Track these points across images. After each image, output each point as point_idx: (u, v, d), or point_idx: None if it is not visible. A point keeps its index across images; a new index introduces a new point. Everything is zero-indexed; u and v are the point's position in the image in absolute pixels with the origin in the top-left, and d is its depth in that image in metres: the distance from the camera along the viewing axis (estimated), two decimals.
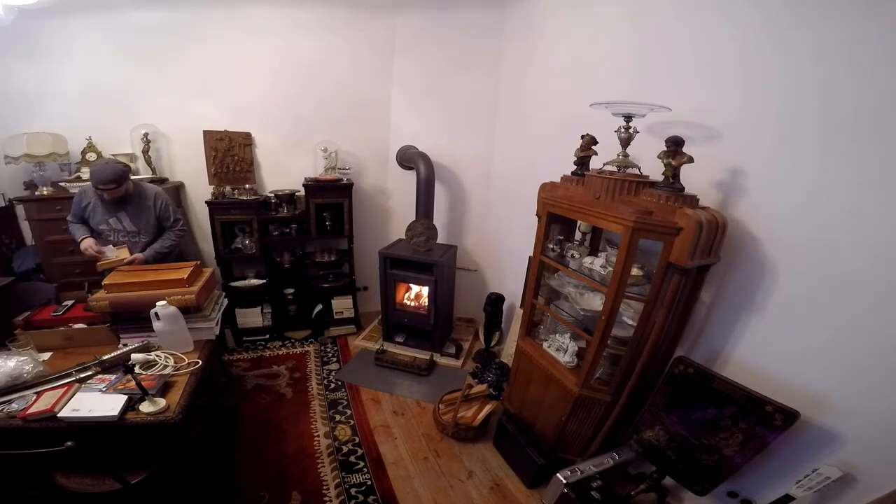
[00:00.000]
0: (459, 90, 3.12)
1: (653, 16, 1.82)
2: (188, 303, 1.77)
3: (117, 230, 2.23)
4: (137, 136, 2.81)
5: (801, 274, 1.35)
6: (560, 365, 1.96)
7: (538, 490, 1.98)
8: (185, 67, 2.81)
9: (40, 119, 2.61)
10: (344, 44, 2.99)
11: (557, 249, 1.97)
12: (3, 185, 2.73)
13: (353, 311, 3.42)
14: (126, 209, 2.21)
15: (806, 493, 1.26)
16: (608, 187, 1.61)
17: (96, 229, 2.23)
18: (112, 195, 2.09)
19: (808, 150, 1.31)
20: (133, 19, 2.63)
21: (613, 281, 1.58)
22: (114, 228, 2.23)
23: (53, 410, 1.37)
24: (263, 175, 3.17)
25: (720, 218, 1.43)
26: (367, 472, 2.08)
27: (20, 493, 1.51)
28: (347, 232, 3.16)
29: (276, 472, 2.04)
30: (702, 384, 1.53)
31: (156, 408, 1.42)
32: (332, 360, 3.05)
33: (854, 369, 1.24)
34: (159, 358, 1.67)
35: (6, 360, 1.48)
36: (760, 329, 1.49)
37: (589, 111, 1.68)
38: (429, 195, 2.96)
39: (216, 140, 2.96)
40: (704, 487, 1.56)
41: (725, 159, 1.54)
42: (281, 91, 3.00)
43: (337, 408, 2.54)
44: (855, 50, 1.18)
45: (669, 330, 1.65)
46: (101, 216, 2.20)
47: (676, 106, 1.59)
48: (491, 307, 2.95)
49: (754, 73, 1.43)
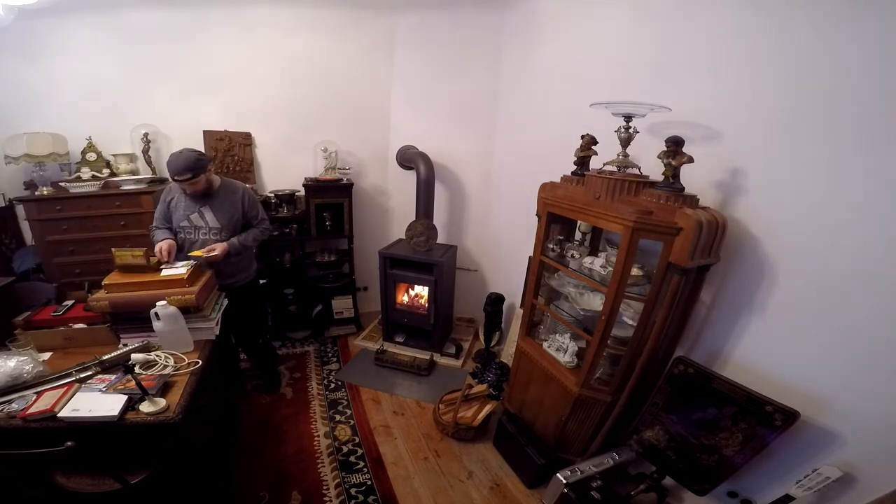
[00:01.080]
0: (459, 90, 3.12)
1: (653, 15, 1.82)
2: (188, 303, 1.77)
3: (199, 227, 2.08)
4: (137, 136, 2.80)
5: (802, 274, 1.35)
6: (560, 365, 1.96)
7: (538, 490, 1.98)
8: (185, 67, 2.81)
9: (40, 119, 2.61)
10: (344, 44, 2.99)
11: (557, 249, 1.97)
12: (3, 185, 2.73)
13: (353, 311, 3.42)
14: (210, 203, 2.08)
15: (806, 493, 1.26)
16: (608, 187, 1.61)
17: (177, 226, 2.09)
18: (193, 188, 1.98)
19: (809, 150, 1.31)
20: (133, 19, 2.63)
21: (613, 281, 1.58)
22: (195, 225, 2.08)
23: (53, 410, 1.37)
24: (263, 175, 3.17)
25: (720, 218, 1.43)
26: (367, 472, 2.08)
27: (20, 493, 1.51)
28: (347, 232, 3.16)
29: (276, 472, 2.04)
30: (702, 384, 1.53)
31: (156, 408, 1.42)
32: (332, 360, 3.05)
33: (854, 369, 1.24)
34: (159, 358, 1.67)
35: (6, 360, 1.48)
36: (760, 329, 1.49)
37: (589, 111, 1.68)
38: (429, 195, 2.96)
39: (216, 140, 2.96)
40: (704, 487, 1.56)
41: (725, 159, 1.54)
42: (281, 91, 3.00)
43: (337, 408, 2.54)
44: (856, 49, 1.18)
45: (669, 330, 1.65)
46: (183, 211, 2.07)
47: (676, 106, 1.59)
48: (491, 307, 2.95)
49: (755, 72, 1.43)
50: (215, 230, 2.10)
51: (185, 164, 1.91)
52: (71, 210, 2.53)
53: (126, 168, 2.81)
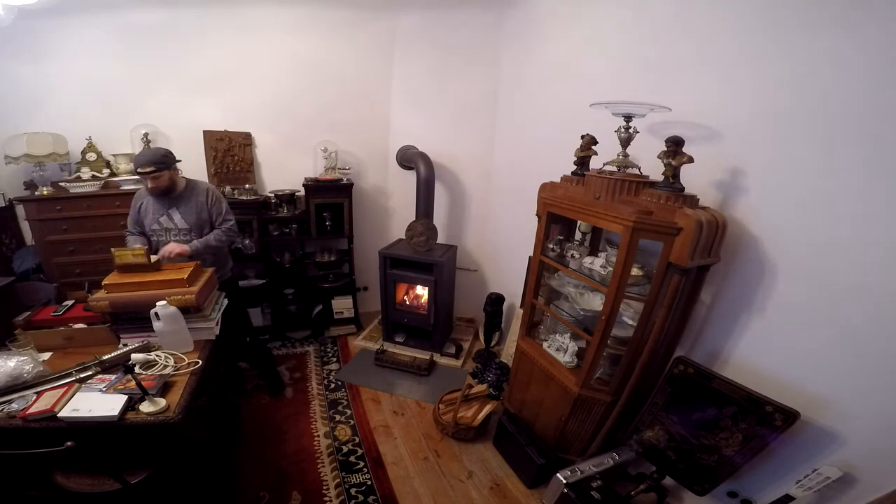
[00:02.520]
0: (459, 90, 3.12)
1: (653, 15, 1.82)
2: (188, 303, 1.76)
3: (168, 229, 2.11)
4: (137, 136, 2.80)
5: (802, 274, 1.35)
6: (560, 365, 1.96)
7: (538, 490, 1.98)
8: (185, 67, 2.81)
9: (40, 119, 2.61)
10: (344, 43, 2.99)
11: (557, 249, 1.97)
12: (3, 185, 2.73)
13: (353, 311, 3.42)
14: (177, 205, 2.11)
15: (806, 493, 1.25)
16: (608, 187, 1.61)
17: (148, 231, 2.13)
18: (155, 183, 1.98)
19: (809, 150, 1.31)
20: (133, 19, 2.63)
21: (613, 281, 1.58)
22: (165, 228, 2.11)
23: (53, 410, 1.37)
24: (263, 175, 3.17)
25: (720, 218, 1.43)
26: (367, 472, 2.08)
27: (20, 493, 1.51)
28: (347, 232, 3.16)
29: (276, 472, 2.04)
30: (702, 384, 1.53)
31: (156, 408, 1.42)
32: (332, 360, 3.05)
33: (854, 369, 1.24)
34: (159, 358, 1.67)
35: (6, 360, 1.48)
36: (760, 329, 1.49)
37: (589, 111, 1.68)
38: (429, 195, 2.96)
39: (216, 140, 2.96)
40: (704, 487, 1.56)
41: (725, 159, 1.54)
42: (281, 91, 3.00)
43: (337, 408, 2.54)
44: (856, 49, 1.18)
45: (669, 330, 1.65)
46: (152, 216, 2.10)
47: (676, 106, 1.59)
48: (491, 307, 2.95)
49: (755, 72, 1.43)
50: (184, 231, 2.13)
51: (149, 157, 1.96)
52: (71, 210, 2.53)
53: (126, 168, 2.81)
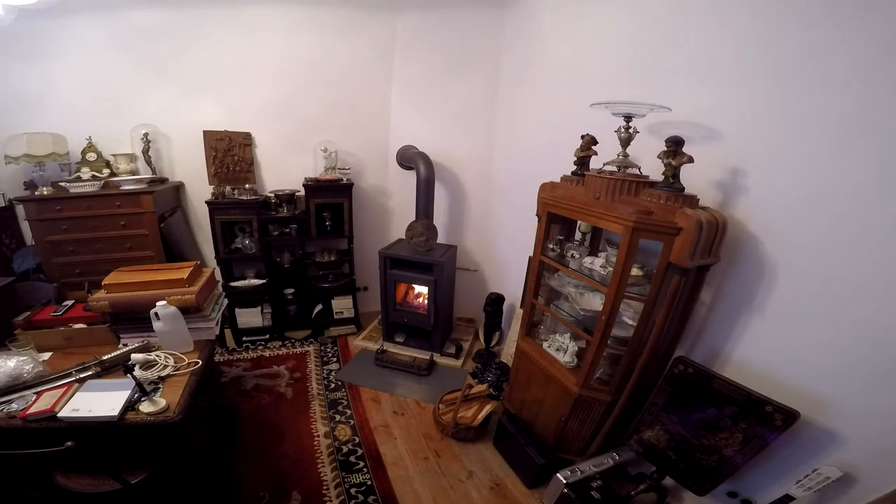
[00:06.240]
0: (459, 90, 3.12)
1: (652, 15, 1.82)
2: (188, 303, 1.77)
3: None
4: (137, 136, 2.81)
5: (802, 274, 1.35)
6: (560, 365, 1.96)
7: (538, 490, 1.98)
8: (185, 67, 2.81)
9: (40, 119, 2.61)
10: (344, 44, 2.98)
11: (557, 249, 1.97)
12: (3, 185, 2.73)
13: (353, 311, 3.42)
14: None
15: (806, 493, 1.25)
16: (608, 187, 1.62)
17: None
18: None
19: (809, 150, 1.31)
20: (133, 19, 2.63)
21: (613, 281, 1.58)
22: None
23: (53, 410, 1.37)
24: (263, 175, 3.17)
25: (720, 218, 1.43)
26: (367, 472, 2.08)
27: (20, 493, 1.51)
28: (347, 232, 3.16)
29: (276, 472, 2.04)
30: (702, 384, 1.53)
31: (156, 408, 1.42)
32: (332, 360, 3.05)
33: (854, 369, 1.24)
34: (159, 358, 1.67)
35: (6, 360, 1.48)
36: (760, 329, 1.49)
37: (589, 111, 1.68)
38: (429, 195, 2.95)
39: (216, 140, 2.96)
40: (704, 487, 1.56)
41: (725, 159, 1.54)
42: (281, 91, 3.00)
43: (337, 408, 2.54)
44: (856, 48, 1.18)
45: (669, 330, 1.65)
46: None
47: (676, 106, 1.59)
48: (491, 307, 2.95)
49: (755, 72, 1.43)
50: None
51: None
52: (71, 210, 2.53)
53: (126, 168, 2.82)
